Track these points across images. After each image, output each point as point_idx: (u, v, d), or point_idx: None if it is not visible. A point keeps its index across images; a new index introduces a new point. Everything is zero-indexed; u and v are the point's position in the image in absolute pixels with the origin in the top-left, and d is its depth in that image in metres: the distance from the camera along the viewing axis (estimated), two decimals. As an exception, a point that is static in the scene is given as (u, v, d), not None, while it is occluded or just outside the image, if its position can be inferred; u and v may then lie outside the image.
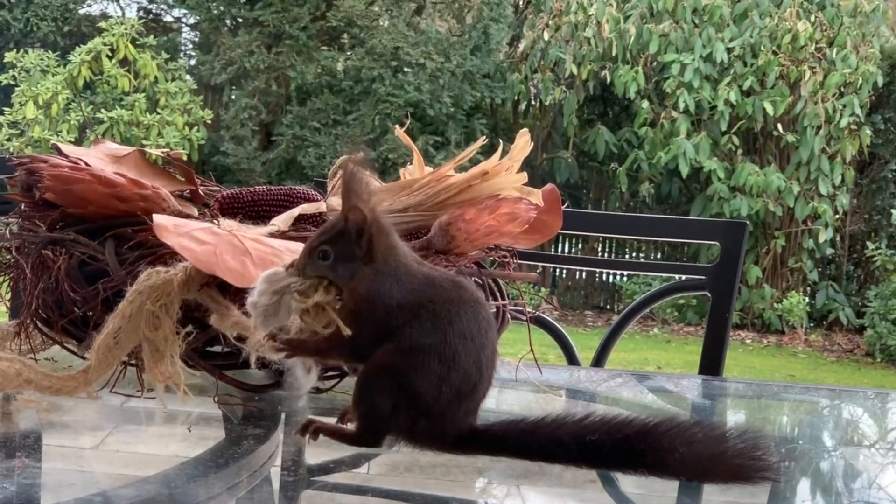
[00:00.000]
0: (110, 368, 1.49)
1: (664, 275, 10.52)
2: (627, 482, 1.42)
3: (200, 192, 1.81)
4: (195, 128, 13.43)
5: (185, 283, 1.46)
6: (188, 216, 1.64)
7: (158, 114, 13.27)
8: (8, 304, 1.88)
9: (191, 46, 17.08)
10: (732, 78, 12.71)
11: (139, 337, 1.45)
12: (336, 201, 1.71)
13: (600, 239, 13.33)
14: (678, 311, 13.02)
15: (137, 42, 13.71)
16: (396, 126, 1.91)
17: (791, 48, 12.56)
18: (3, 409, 1.44)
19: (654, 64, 13.34)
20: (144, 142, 12.50)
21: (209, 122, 13.78)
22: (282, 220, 1.62)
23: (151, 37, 14.01)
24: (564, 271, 14.49)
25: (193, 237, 1.44)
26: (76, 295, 1.56)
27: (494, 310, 1.73)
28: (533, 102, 15.27)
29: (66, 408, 1.54)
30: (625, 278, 14.04)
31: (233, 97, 15.16)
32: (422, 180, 1.70)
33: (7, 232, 1.71)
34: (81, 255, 1.57)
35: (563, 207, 1.83)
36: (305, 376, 1.52)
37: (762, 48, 12.65)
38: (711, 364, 2.52)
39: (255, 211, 1.71)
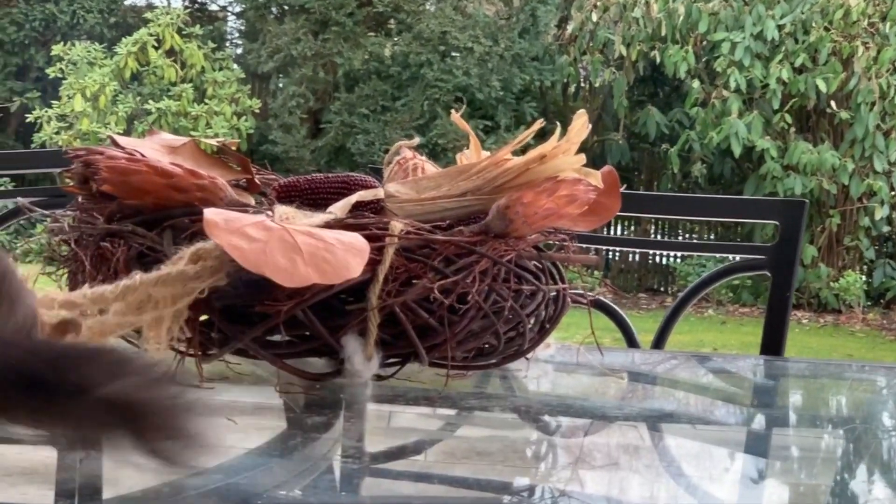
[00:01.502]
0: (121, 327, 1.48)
1: (718, 255, 10.50)
2: (690, 465, 1.41)
3: (257, 180, 1.81)
4: (243, 117, 13.49)
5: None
6: (245, 206, 1.64)
7: (206, 104, 13.33)
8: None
9: (237, 35, 17.18)
10: (784, 55, 12.62)
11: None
12: (394, 187, 1.70)
13: (652, 220, 13.31)
14: (733, 291, 12.96)
15: (183, 32, 13.79)
16: (452, 111, 1.89)
17: (843, 24, 12.45)
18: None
19: (704, 43, 13.28)
20: (193, 132, 12.57)
21: (257, 111, 13.83)
22: (339, 208, 1.61)
23: (197, 26, 14.07)
24: (617, 254, 14.45)
25: (244, 234, 1.43)
26: (135, 286, 1.56)
27: (554, 293, 1.72)
28: (582, 84, 15.26)
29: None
30: (678, 260, 13.98)
31: (280, 85, 15.22)
32: (479, 165, 1.69)
33: (65, 225, 1.72)
34: (140, 246, 1.57)
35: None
36: (366, 364, 1.52)
37: (814, 24, 12.55)
38: (772, 344, 2.50)
39: (312, 199, 1.70)
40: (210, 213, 1.46)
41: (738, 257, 2.72)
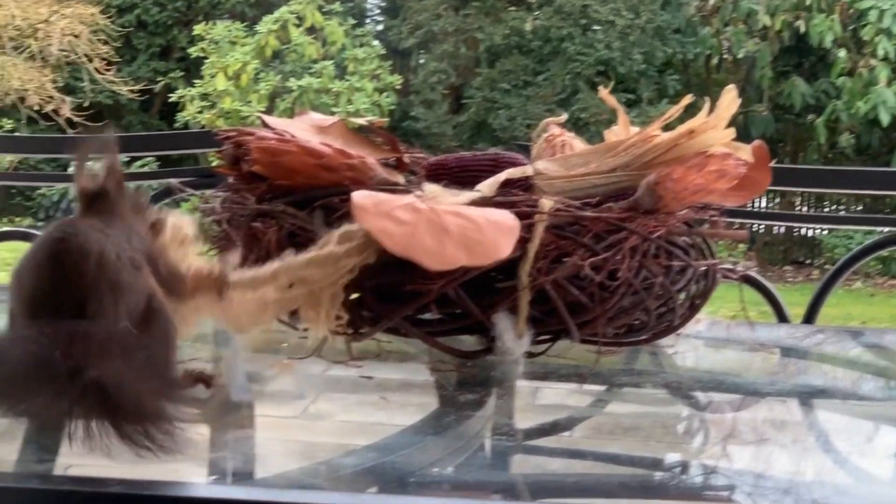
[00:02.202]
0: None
1: (866, 228, 10.35)
2: (842, 440, 1.39)
3: (405, 159, 1.81)
4: (384, 93, 13.52)
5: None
6: (394, 185, 1.65)
7: (347, 80, 13.38)
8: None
9: (377, 12, 17.28)
10: (934, 21, 12.33)
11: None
12: (542, 164, 1.70)
13: (799, 192, 13.09)
14: (882, 263, 12.71)
15: (324, 9, 13.85)
16: (600, 87, 1.89)
17: None
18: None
19: (851, 11, 13.01)
20: (334, 109, 12.64)
21: (398, 87, 13.85)
22: (487, 186, 1.62)
23: (338, 3, 14.13)
24: (762, 226, 14.26)
25: (393, 217, 1.44)
26: (287, 266, 1.58)
27: (704, 269, 1.70)
28: (725, 56, 15.05)
29: (265, 377, 1.57)
30: (825, 232, 13.76)
31: (421, 61, 15.28)
32: (628, 141, 1.68)
33: (217, 205, 1.74)
34: (291, 226, 1.59)
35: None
36: (517, 341, 1.52)
37: (966, -12, 12.24)
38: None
39: (460, 177, 1.70)
40: (359, 198, 1.47)
41: (887, 230, 2.67)
